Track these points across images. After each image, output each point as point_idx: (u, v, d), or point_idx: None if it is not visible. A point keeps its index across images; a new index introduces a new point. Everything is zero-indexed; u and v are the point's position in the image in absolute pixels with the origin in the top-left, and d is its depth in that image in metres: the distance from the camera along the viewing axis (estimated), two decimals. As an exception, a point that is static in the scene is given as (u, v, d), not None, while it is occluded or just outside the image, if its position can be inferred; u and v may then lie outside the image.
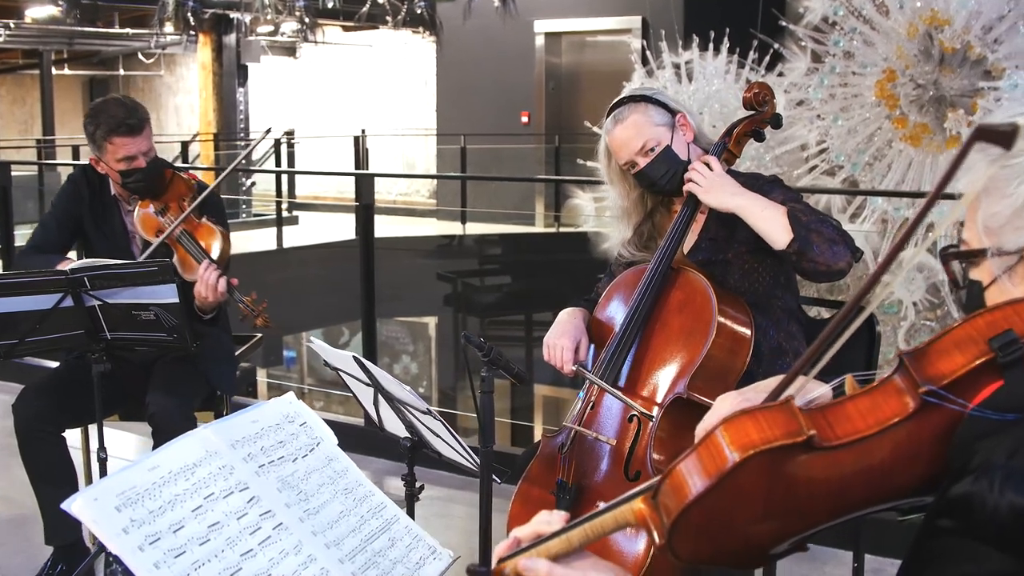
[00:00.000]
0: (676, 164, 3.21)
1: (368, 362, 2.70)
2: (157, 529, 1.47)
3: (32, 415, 3.89)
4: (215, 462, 1.61)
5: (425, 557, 1.79)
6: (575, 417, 3.11)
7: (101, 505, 1.45)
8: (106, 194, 4.16)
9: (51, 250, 4.13)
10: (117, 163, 3.97)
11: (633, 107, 3.24)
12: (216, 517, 1.55)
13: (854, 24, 8.40)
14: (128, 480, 1.50)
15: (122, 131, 3.93)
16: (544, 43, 16.48)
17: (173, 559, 1.45)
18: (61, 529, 4.00)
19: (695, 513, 1.33)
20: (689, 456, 1.35)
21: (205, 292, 3.80)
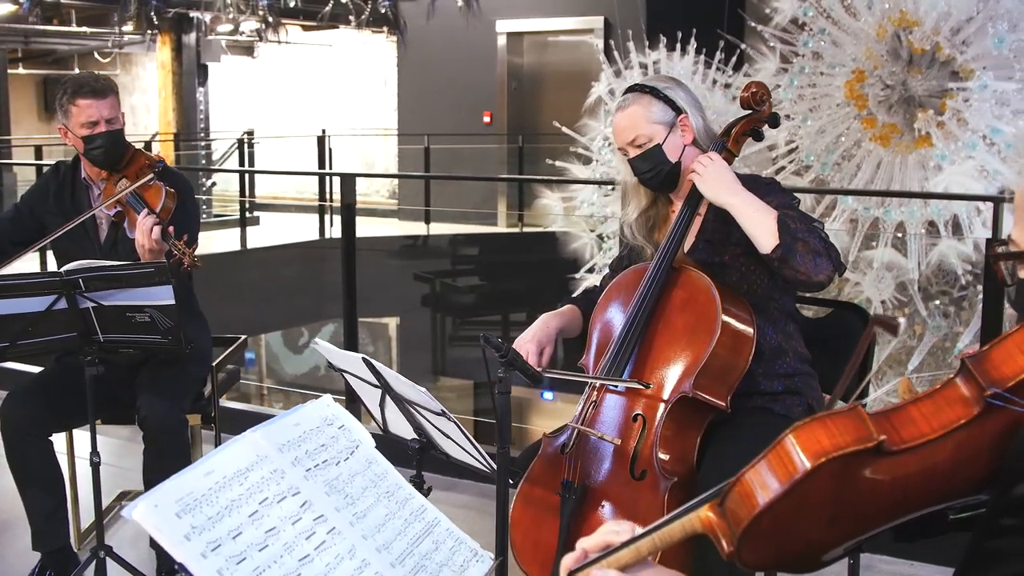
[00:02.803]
0: (662, 164, 3.22)
1: (378, 363, 2.68)
2: (217, 535, 1.45)
3: (19, 419, 3.84)
4: (266, 466, 1.60)
5: (468, 560, 1.78)
6: (577, 417, 3.11)
7: (162, 512, 1.43)
8: (77, 182, 4.15)
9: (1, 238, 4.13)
10: (81, 128, 3.97)
11: (638, 98, 3.24)
12: (272, 522, 1.53)
13: (823, 25, 8.45)
14: (185, 486, 1.48)
15: (86, 91, 3.96)
16: (506, 43, 16.45)
17: (235, 565, 1.43)
18: (49, 535, 3.96)
19: (765, 520, 1.33)
20: (758, 464, 1.35)
21: (141, 238, 3.77)
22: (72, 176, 4.16)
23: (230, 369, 4.62)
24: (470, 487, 4.98)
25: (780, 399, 3.14)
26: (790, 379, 3.16)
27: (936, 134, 7.92)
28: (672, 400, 2.95)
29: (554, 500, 2.97)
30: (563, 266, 9.53)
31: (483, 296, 13.41)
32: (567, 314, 3.37)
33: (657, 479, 2.87)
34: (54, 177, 4.17)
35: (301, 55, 20.67)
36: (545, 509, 3.00)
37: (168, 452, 3.84)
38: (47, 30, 17.98)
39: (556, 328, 3.29)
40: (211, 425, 4.43)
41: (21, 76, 21.88)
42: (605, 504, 2.94)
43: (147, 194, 3.94)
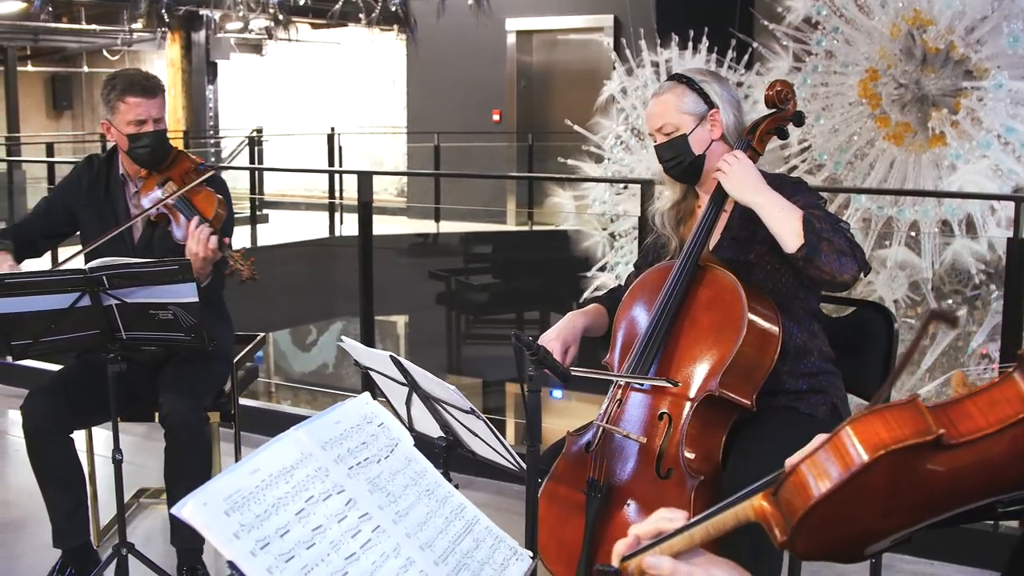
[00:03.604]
0: (685, 154, 3.23)
1: (406, 361, 2.67)
2: (265, 533, 1.45)
3: (41, 417, 3.84)
4: (311, 464, 1.59)
5: (508, 558, 1.78)
6: (602, 415, 3.11)
7: (211, 510, 1.42)
8: (113, 177, 4.13)
9: (32, 233, 4.14)
10: (127, 126, 3.95)
11: (673, 87, 3.26)
12: (319, 520, 1.53)
13: (836, 24, 8.44)
14: (233, 483, 1.48)
15: (136, 90, 3.93)
16: (515, 41, 16.47)
17: (284, 563, 1.43)
18: (70, 532, 3.95)
19: (820, 511, 1.33)
20: (815, 455, 1.35)
21: (196, 247, 3.76)
22: (107, 170, 4.14)
23: (248, 367, 4.62)
24: (487, 484, 4.97)
25: (805, 398, 3.13)
26: (815, 378, 3.16)
27: (950, 133, 7.91)
28: (698, 399, 2.94)
29: (579, 498, 2.97)
30: (575, 264, 9.53)
31: (496, 294, 13.41)
32: (593, 313, 3.37)
33: (683, 478, 2.87)
34: (87, 170, 4.15)
35: (309, 53, 20.68)
36: (570, 507, 3.00)
37: (189, 450, 3.84)
38: (56, 28, 18.00)
39: (582, 326, 3.29)
40: (230, 423, 4.43)
41: (30, 73, 21.91)
42: (631, 503, 2.93)
43: (197, 199, 3.93)
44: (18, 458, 5.76)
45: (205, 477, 3.89)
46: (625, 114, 9.62)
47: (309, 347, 14.67)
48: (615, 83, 9.73)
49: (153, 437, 5.58)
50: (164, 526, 4.56)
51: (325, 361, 14.34)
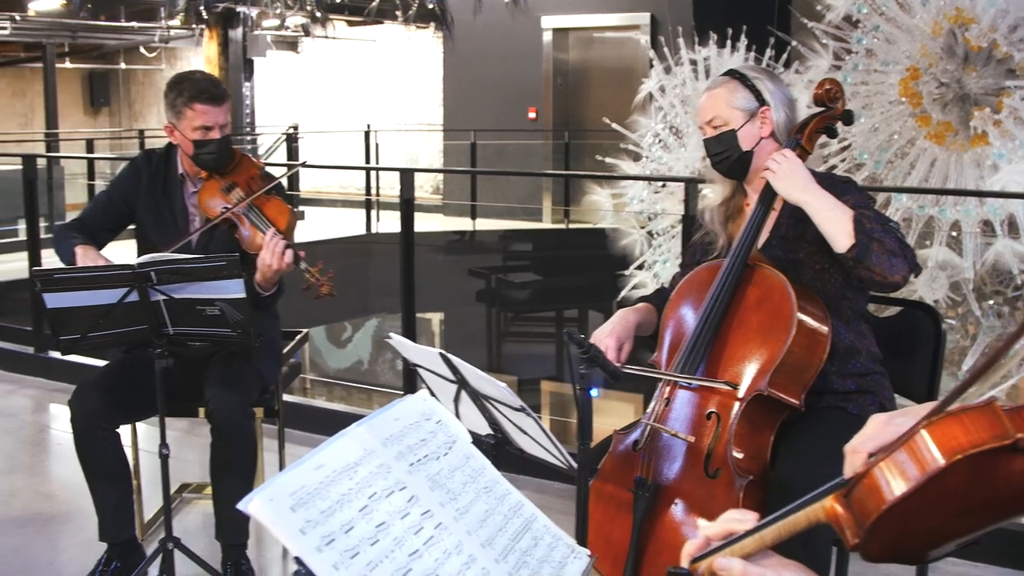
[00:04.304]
0: (732, 150, 3.23)
1: (455, 358, 2.67)
2: (330, 529, 1.45)
3: (88, 412, 3.86)
4: (373, 461, 1.59)
5: (567, 556, 1.78)
6: (650, 414, 3.10)
7: (277, 506, 1.42)
8: (171, 174, 4.15)
9: (94, 227, 4.15)
10: (193, 131, 3.97)
11: (726, 82, 3.26)
12: (382, 517, 1.53)
13: (877, 22, 8.39)
14: (297, 480, 1.48)
15: (204, 98, 3.94)
16: (552, 39, 16.46)
17: (349, 560, 1.43)
18: (116, 526, 3.97)
19: (894, 514, 1.33)
20: (889, 457, 1.34)
21: (271, 259, 3.79)
22: (165, 167, 4.16)
23: (292, 363, 4.64)
24: (528, 482, 4.97)
25: (853, 398, 3.12)
26: (863, 378, 3.14)
27: (993, 132, 7.85)
28: (747, 398, 2.94)
29: (626, 497, 2.97)
30: (613, 263, 9.51)
31: (535, 292, 13.41)
32: (643, 310, 3.36)
33: (732, 477, 2.86)
34: (146, 166, 4.17)
35: (345, 51, 20.72)
36: (617, 506, 3.00)
37: (235, 446, 3.85)
38: (95, 25, 18.11)
39: (635, 323, 3.29)
40: (274, 419, 4.45)
41: (68, 70, 22.04)
42: (678, 502, 2.93)
43: (268, 209, 3.95)
44: (61, 452, 5.80)
45: (250, 473, 3.93)
46: (663, 112, 9.59)
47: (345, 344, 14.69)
48: (653, 81, 9.70)
49: (195, 432, 5.63)
50: (206, 521, 4.58)
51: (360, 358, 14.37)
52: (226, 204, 3.96)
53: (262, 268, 3.83)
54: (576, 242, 14.30)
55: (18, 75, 22.21)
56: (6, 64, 21.37)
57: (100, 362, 6.36)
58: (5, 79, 21.82)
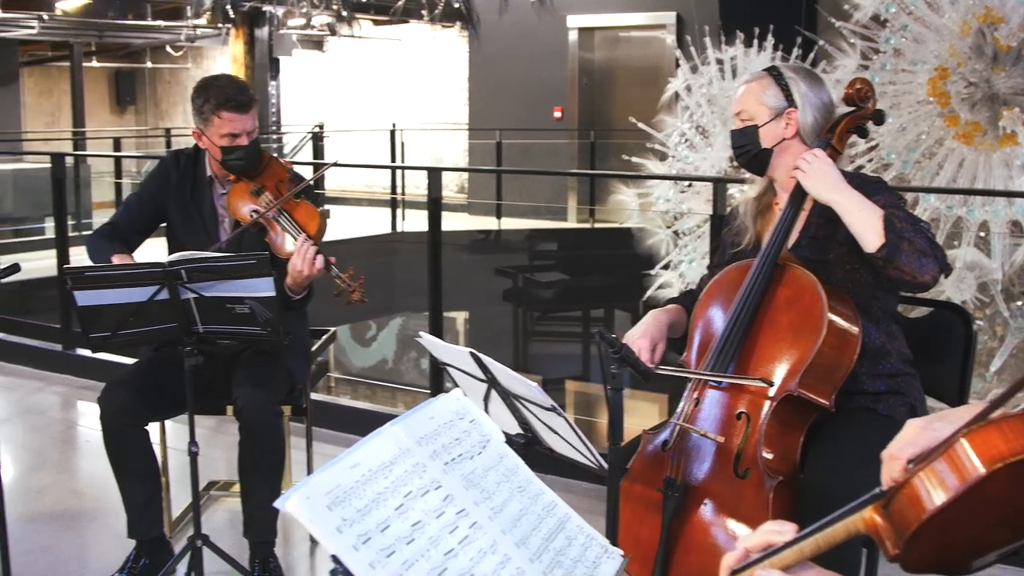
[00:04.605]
0: (753, 145, 3.24)
1: (486, 357, 2.67)
2: (367, 528, 1.45)
3: (117, 409, 3.87)
4: (409, 459, 1.59)
5: (600, 556, 1.77)
6: (679, 414, 3.09)
7: (313, 504, 1.43)
8: (199, 175, 4.16)
9: (127, 228, 4.17)
10: (220, 138, 3.97)
11: (761, 77, 3.27)
12: (417, 516, 1.53)
13: (905, 21, 8.36)
14: (334, 478, 1.48)
15: (231, 106, 3.94)
16: (577, 38, 16.45)
17: (385, 559, 1.43)
18: (144, 523, 3.99)
19: (935, 524, 1.32)
20: (929, 467, 1.33)
21: (301, 265, 3.79)
22: (193, 169, 4.17)
23: (319, 361, 4.64)
24: (554, 482, 4.95)
25: (883, 399, 3.11)
26: (893, 379, 3.13)
27: (1021, 132, 7.81)
28: (777, 398, 2.93)
29: (655, 497, 2.96)
30: (639, 262, 9.50)
31: (561, 292, 13.40)
32: (674, 311, 3.36)
33: (762, 478, 2.85)
34: (175, 166, 4.18)
35: (370, 50, 20.75)
36: (646, 506, 2.99)
37: (263, 444, 3.86)
38: (122, 24, 18.19)
39: (667, 323, 3.28)
40: (301, 417, 4.46)
41: (94, 69, 22.12)
42: (708, 502, 2.92)
43: (297, 214, 3.95)
44: (89, 449, 5.83)
45: (278, 471, 3.94)
46: (689, 112, 9.58)
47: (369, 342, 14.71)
48: (679, 80, 9.69)
49: (222, 430, 5.65)
50: (233, 518, 4.59)
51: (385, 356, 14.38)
52: (255, 208, 3.96)
53: (293, 274, 3.83)
54: (602, 241, 14.29)
55: (45, 74, 22.33)
56: (33, 63, 21.47)
57: (128, 360, 6.39)
58: (32, 78, 21.93)
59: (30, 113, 21.13)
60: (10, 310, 8.33)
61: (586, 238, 15.30)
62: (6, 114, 17.90)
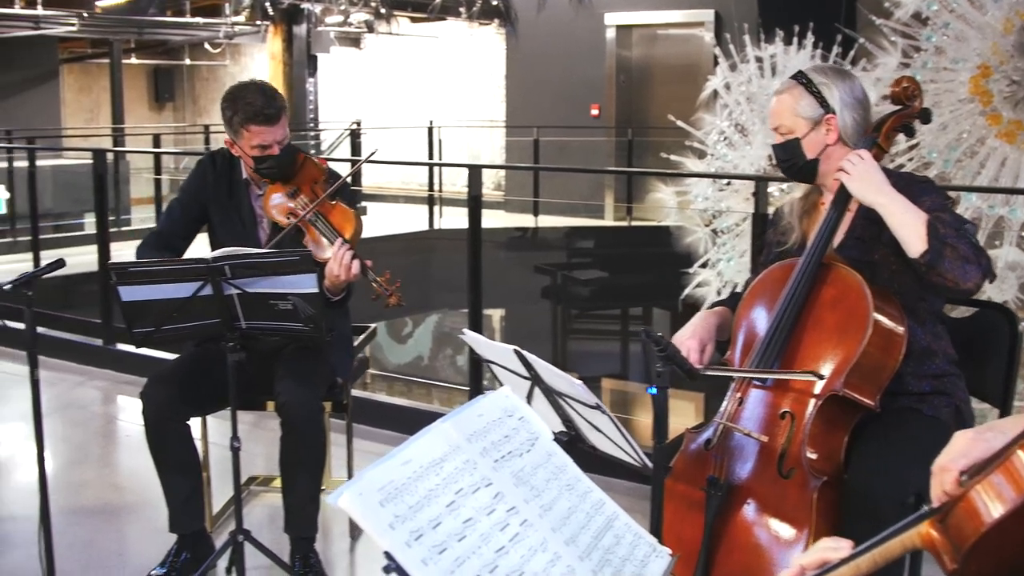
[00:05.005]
0: (797, 157, 3.21)
1: (530, 355, 2.67)
2: (419, 525, 1.45)
3: (160, 404, 3.90)
4: (459, 456, 1.59)
5: (648, 555, 1.77)
6: (722, 412, 3.08)
7: (366, 500, 1.43)
8: (236, 177, 4.18)
9: (173, 235, 4.19)
10: (252, 149, 3.98)
11: (792, 88, 3.22)
12: (469, 513, 1.53)
13: (947, 19, 8.29)
14: (386, 475, 1.48)
15: (259, 120, 3.94)
16: (615, 36, 16.43)
17: (437, 555, 1.43)
18: (186, 518, 4.01)
19: (993, 536, 1.31)
20: (985, 479, 1.32)
21: (338, 271, 3.80)
22: (229, 170, 4.19)
23: (360, 358, 4.65)
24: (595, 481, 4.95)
25: (928, 399, 3.09)
26: (938, 380, 3.11)
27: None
28: (822, 398, 2.91)
29: (698, 496, 2.95)
30: (677, 261, 9.47)
31: (599, 290, 13.38)
32: (722, 313, 3.35)
33: (806, 478, 2.84)
34: (211, 167, 4.20)
35: (407, 47, 20.78)
36: (689, 505, 2.98)
37: (305, 439, 3.87)
38: (161, 21, 18.29)
39: (715, 324, 3.27)
40: (341, 413, 4.47)
41: (133, 66, 22.25)
42: (751, 502, 2.91)
43: (333, 217, 3.96)
44: (130, 444, 5.87)
45: (320, 467, 3.95)
46: (728, 110, 9.54)
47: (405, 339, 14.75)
48: (718, 78, 9.65)
49: (262, 425, 5.67)
50: (273, 514, 4.61)
51: (420, 353, 14.42)
52: (292, 211, 3.97)
53: (330, 277, 3.84)
54: (640, 239, 14.26)
55: (85, 71, 22.48)
56: (73, 60, 21.62)
57: (168, 355, 6.41)
58: (72, 75, 22.08)
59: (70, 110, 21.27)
60: (52, 305, 8.38)
61: (624, 236, 15.28)
62: (46, 111, 18.02)
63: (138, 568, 4.18)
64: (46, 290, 9.45)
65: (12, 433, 6.25)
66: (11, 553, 4.46)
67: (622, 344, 12.31)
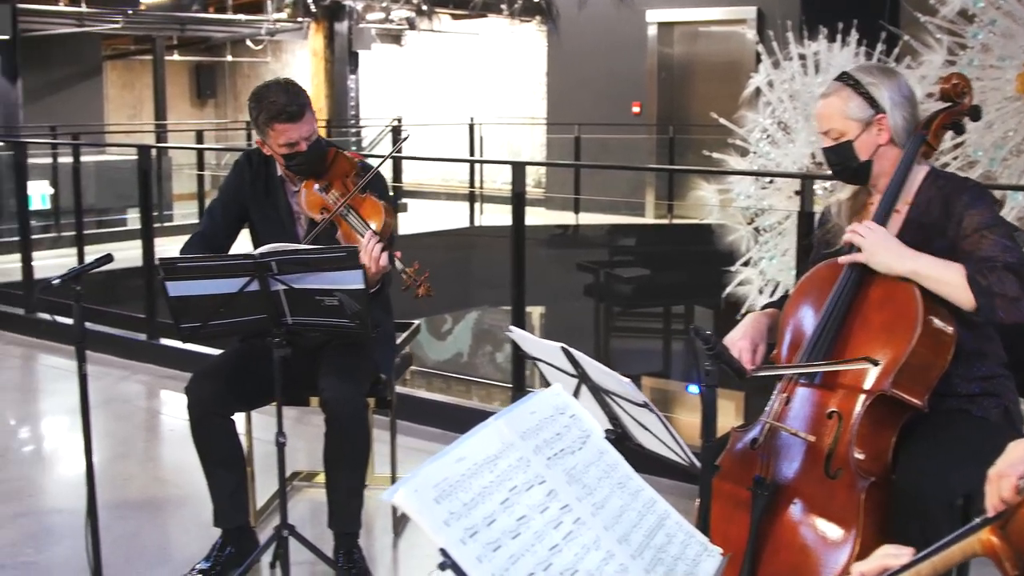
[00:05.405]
0: (850, 160, 3.16)
1: (577, 352, 2.66)
2: (473, 522, 1.45)
3: (205, 399, 3.92)
4: (513, 454, 1.59)
5: (700, 554, 1.76)
6: (768, 411, 3.07)
7: (422, 497, 1.43)
8: (272, 176, 4.20)
9: (215, 236, 4.22)
10: (280, 147, 4.01)
11: (839, 89, 3.17)
12: (522, 511, 1.53)
13: (993, 16, 8.23)
14: (440, 472, 1.48)
15: (283, 118, 3.96)
16: (657, 33, 16.38)
17: (492, 553, 1.43)
18: (231, 512, 4.03)
19: None
20: None
21: (368, 263, 3.80)
22: (265, 169, 4.22)
23: (404, 354, 4.66)
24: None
25: (977, 401, 3.06)
26: (988, 382, 3.08)
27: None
28: (870, 398, 2.89)
29: (744, 496, 2.94)
30: (719, 259, 9.45)
31: (641, 288, 13.36)
32: (772, 315, 3.32)
33: (853, 478, 2.82)
34: (248, 166, 4.23)
35: (448, 44, 20.80)
36: (735, 505, 2.97)
37: (350, 436, 3.88)
38: (203, 18, 18.38)
39: (766, 326, 3.26)
40: (384, 410, 4.47)
41: (176, 63, 22.37)
42: (798, 502, 2.89)
43: (363, 209, 3.98)
44: (173, 438, 5.90)
45: (364, 463, 3.97)
46: (771, 107, 9.50)
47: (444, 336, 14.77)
48: (761, 76, 9.61)
49: (304, 421, 5.69)
50: (315, 509, 4.63)
51: (460, 350, 14.44)
52: (324, 206, 4.00)
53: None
54: (682, 237, 14.22)
55: (127, 67, 22.61)
56: (115, 57, 21.75)
57: (211, 350, 6.45)
58: (115, 72, 22.22)
59: (112, 106, 21.41)
60: (96, 299, 8.43)
61: (666, 234, 15.24)
62: (90, 107, 18.15)
63: (182, 562, 4.20)
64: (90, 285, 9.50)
65: (56, 426, 6.31)
66: (58, 545, 4.49)
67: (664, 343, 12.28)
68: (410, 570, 4.31)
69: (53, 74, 17.49)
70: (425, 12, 16.55)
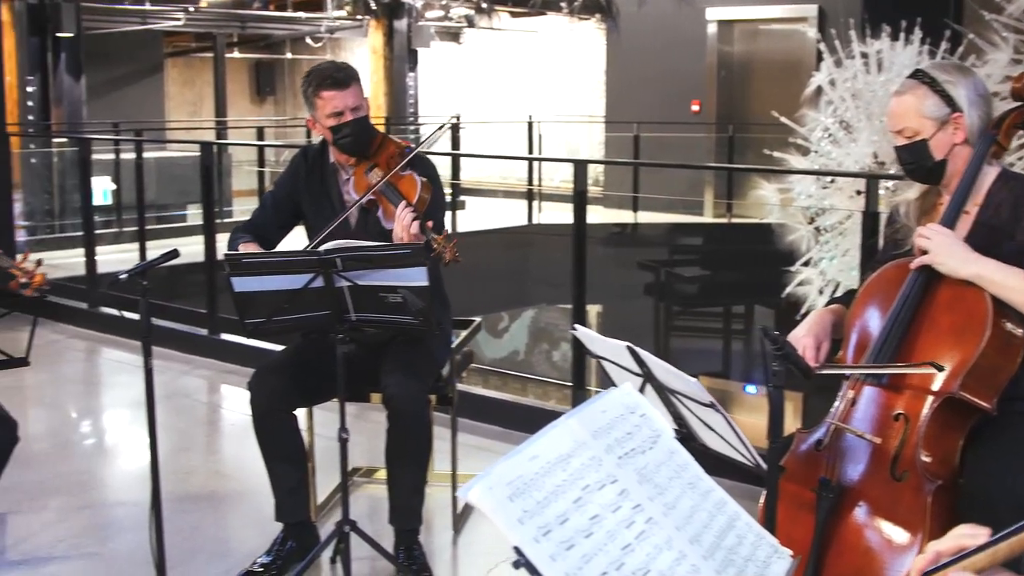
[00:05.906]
0: (924, 159, 3.12)
1: (643, 351, 2.66)
2: (546, 520, 1.45)
3: (268, 395, 3.95)
4: (585, 453, 1.59)
5: (770, 556, 1.75)
6: (834, 413, 3.04)
7: (496, 495, 1.43)
8: (325, 165, 4.24)
9: (264, 226, 4.27)
10: (327, 119, 4.06)
11: (915, 87, 3.12)
12: (595, 510, 1.53)
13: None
14: (514, 470, 1.48)
15: (328, 84, 4.04)
16: (716, 31, 16.30)
17: (565, 551, 1.43)
18: (292, 507, 4.07)
19: None
20: None
21: (400, 231, 3.84)
22: (320, 161, 4.26)
23: (465, 352, 4.67)
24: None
25: (1046, 404, 3.02)
26: (1058, 385, 3.04)
27: None
28: (938, 400, 2.86)
29: (808, 497, 2.92)
30: (779, 258, 9.39)
31: (702, 287, 13.31)
32: (838, 311, 3.29)
33: (920, 481, 2.80)
34: (303, 161, 4.28)
35: (506, 41, 20.82)
36: (799, 506, 2.95)
37: (412, 432, 3.90)
38: (264, 15, 18.50)
39: (831, 323, 3.23)
40: (445, 407, 4.48)
41: (236, 60, 22.51)
42: (863, 504, 2.87)
43: (401, 184, 4.02)
44: (233, 432, 5.95)
45: (425, 460, 3.98)
46: (833, 106, 9.42)
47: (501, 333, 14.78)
48: (823, 74, 9.54)
49: (364, 417, 5.71)
50: (375, 505, 4.64)
51: (516, 348, 14.43)
52: (368, 184, 4.05)
53: (395, 240, 3.87)
54: (742, 236, 14.15)
55: (188, 65, 22.77)
56: (176, 54, 21.93)
57: (271, 346, 6.50)
58: (176, 69, 22.39)
59: (173, 103, 21.58)
60: (158, 294, 8.50)
61: (725, 233, 15.18)
62: (151, 104, 18.31)
63: (243, 556, 4.23)
64: (152, 280, 9.58)
65: (118, 420, 6.38)
66: (121, 537, 4.54)
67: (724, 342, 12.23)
68: (469, 567, 4.32)
69: (115, 71, 17.64)
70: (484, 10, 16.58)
